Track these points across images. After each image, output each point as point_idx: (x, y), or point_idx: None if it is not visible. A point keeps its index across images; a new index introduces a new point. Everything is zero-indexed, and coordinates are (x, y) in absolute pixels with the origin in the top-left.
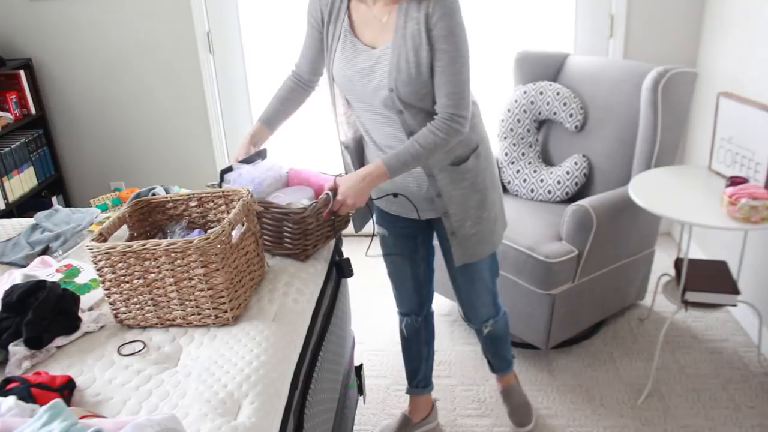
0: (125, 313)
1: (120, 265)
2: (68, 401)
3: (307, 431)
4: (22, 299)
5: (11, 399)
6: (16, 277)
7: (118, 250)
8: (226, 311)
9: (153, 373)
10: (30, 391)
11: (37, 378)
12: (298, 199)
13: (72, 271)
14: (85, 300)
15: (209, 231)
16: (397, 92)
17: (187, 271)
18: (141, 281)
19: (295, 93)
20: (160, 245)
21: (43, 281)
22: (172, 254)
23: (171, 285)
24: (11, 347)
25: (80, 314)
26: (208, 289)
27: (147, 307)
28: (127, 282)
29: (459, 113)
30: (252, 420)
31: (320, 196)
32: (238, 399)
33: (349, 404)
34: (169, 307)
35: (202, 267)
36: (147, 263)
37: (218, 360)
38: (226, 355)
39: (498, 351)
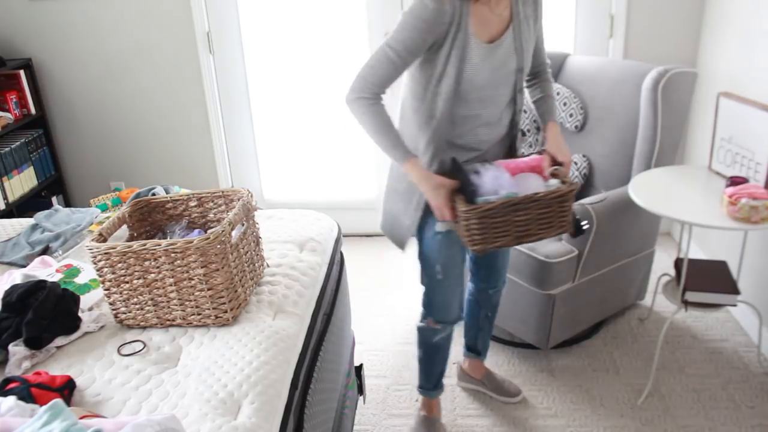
0: (125, 313)
1: (120, 265)
2: (68, 401)
3: (307, 431)
4: (22, 299)
5: (11, 399)
6: (16, 277)
7: (118, 250)
8: (225, 311)
9: (153, 373)
10: (30, 391)
11: (37, 378)
12: (537, 185)
13: (72, 271)
14: (85, 300)
15: (209, 231)
16: (523, 72)
17: (187, 271)
18: (141, 281)
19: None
20: (159, 245)
21: (43, 281)
22: (172, 254)
23: (171, 285)
24: (11, 347)
25: (80, 314)
26: (208, 289)
27: (147, 307)
28: (127, 282)
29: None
30: (252, 420)
31: (553, 180)
32: (238, 399)
33: (349, 404)
34: (169, 307)
35: (202, 267)
36: (147, 263)
37: (218, 360)
38: (226, 355)
39: (492, 326)
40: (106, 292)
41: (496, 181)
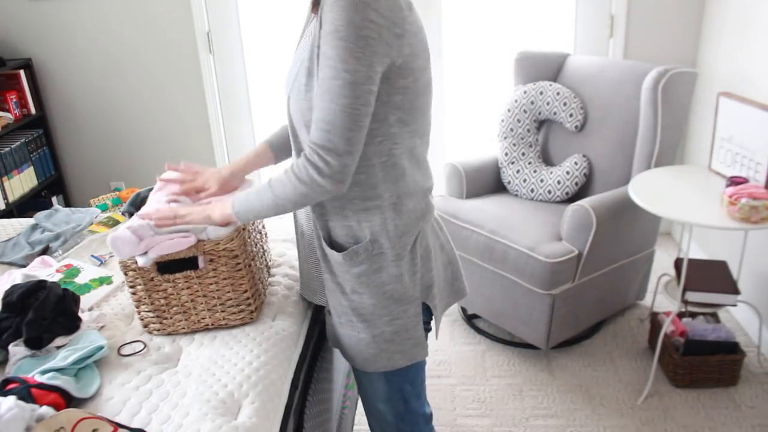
0: (156, 323)
1: (152, 275)
2: (68, 401)
3: (307, 431)
4: (23, 299)
5: (11, 399)
6: (16, 277)
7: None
8: (252, 310)
9: (153, 373)
10: (30, 392)
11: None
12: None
13: (72, 271)
14: (85, 300)
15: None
16: (288, 104)
17: (215, 268)
18: (171, 285)
19: None
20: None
21: (43, 281)
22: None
23: (197, 285)
24: (11, 347)
25: (80, 314)
26: (232, 284)
27: (177, 316)
28: (159, 292)
29: (323, 153)
30: (252, 420)
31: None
32: (238, 399)
33: (349, 404)
34: (195, 310)
35: (229, 262)
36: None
37: (218, 360)
38: (226, 355)
39: None
40: (137, 303)
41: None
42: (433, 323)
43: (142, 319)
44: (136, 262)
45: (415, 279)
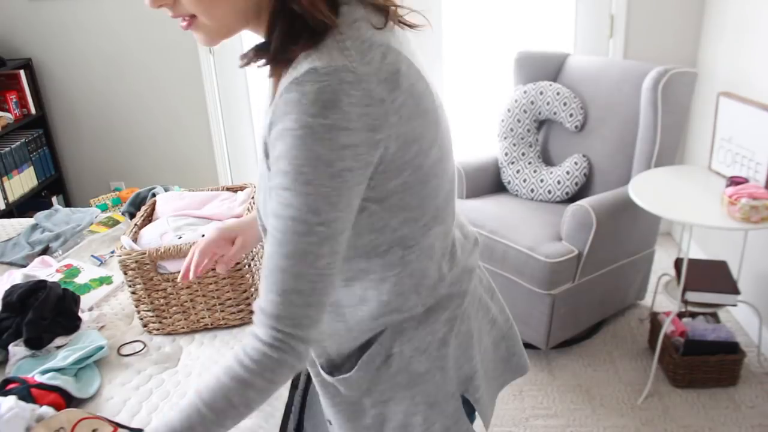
0: (155, 322)
1: (152, 274)
2: (68, 401)
3: (307, 431)
4: (23, 299)
5: (11, 399)
6: (16, 277)
7: (149, 255)
8: (252, 310)
9: (153, 372)
10: (30, 391)
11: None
12: None
13: (72, 271)
14: (85, 300)
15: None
16: (257, 199)
17: (214, 268)
18: (170, 284)
19: None
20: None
21: (43, 281)
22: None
23: (198, 284)
24: (11, 347)
25: (80, 314)
26: (232, 285)
27: (176, 315)
28: (158, 291)
29: (296, 333)
30: (252, 420)
31: None
32: None
33: None
34: (194, 309)
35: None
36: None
37: (219, 360)
38: (226, 355)
39: None
40: (136, 303)
41: None
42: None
43: (141, 319)
44: (136, 262)
45: (449, 373)
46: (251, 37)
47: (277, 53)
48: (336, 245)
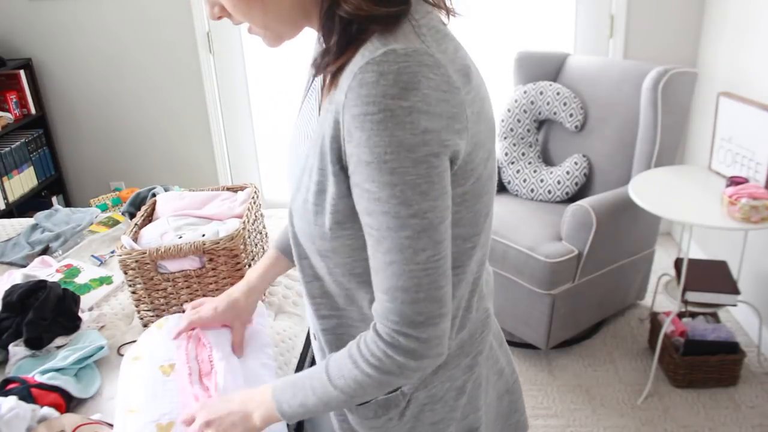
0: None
1: (152, 273)
2: (69, 401)
3: (307, 431)
4: (22, 299)
5: (12, 399)
6: (16, 277)
7: (149, 254)
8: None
9: None
10: (30, 392)
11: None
12: None
13: (72, 271)
14: (85, 300)
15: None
16: (291, 221)
17: (215, 268)
18: (170, 284)
19: None
20: (190, 244)
21: (44, 281)
22: (205, 254)
23: (197, 284)
24: (11, 347)
25: (80, 314)
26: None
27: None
28: (158, 291)
29: (408, 331)
30: None
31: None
32: None
33: None
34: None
35: (228, 263)
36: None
37: None
38: None
39: None
40: (136, 302)
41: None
42: None
43: (141, 319)
44: (136, 261)
45: (456, 424)
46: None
47: (338, 54)
48: (436, 235)
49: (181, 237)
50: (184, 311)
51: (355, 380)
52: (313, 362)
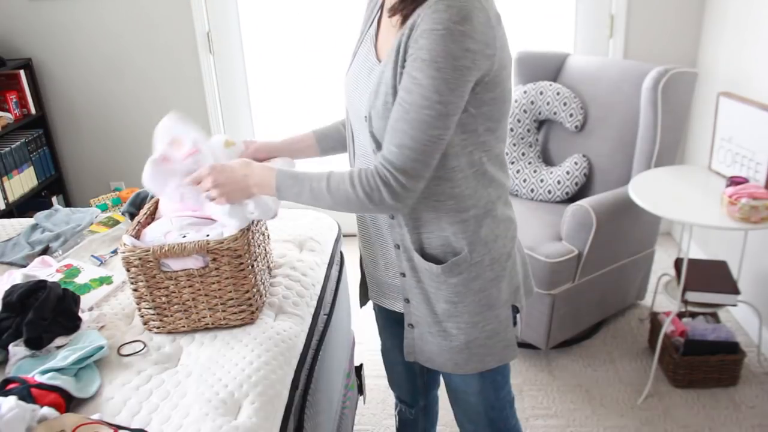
0: (156, 321)
1: (154, 271)
2: (68, 401)
3: (307, 431)
4: (22, 299)
5: (12, 399)
6: (16, 277)
7: (153, 252)
8: (253, 311)
9: (153, 373)
10: (30, 392)
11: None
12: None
13: (72, 271)
14: (85, 300)
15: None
16: (371, 123)
17: (217, 268)
18: (173, 282)
19: None
20: (194, 243)
21: (44, 281)
22: (209, 253)
23: (200, 284)
24: (11, 347)
25: (80, 314)
26: (235, 285)
27: (177, 314)
28: (160, 289)
29: (399, 176)
30: (252, 420)
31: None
32: (238, 399)
33: (349, 404)
34: (196, 308)
35: (231, 263)
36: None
37: (219, 360)
38: (227, 355)
39: None
40: (137, 300)
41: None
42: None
43: (142, 317)
44: (139, 259)
45: (506, 283)
46: (250, 37)
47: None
48: (448, 122)
49: (185, 236)
50: (185, 311)
51: (346, 195)
52: (312, 365)
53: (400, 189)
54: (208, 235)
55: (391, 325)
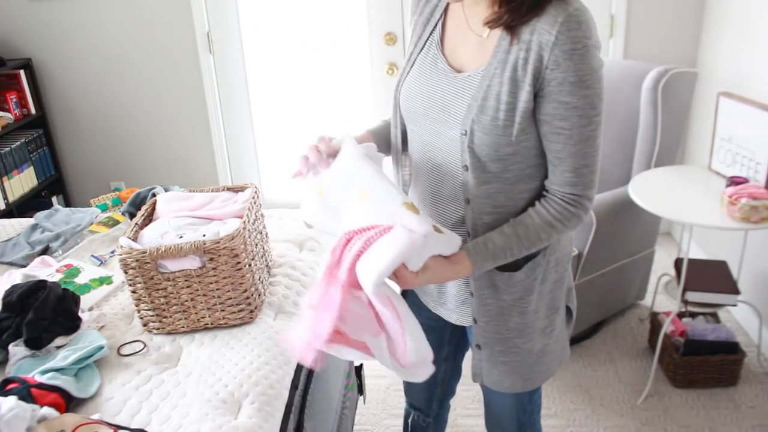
0: (156, 322)
1: (152, 272)
2: (68, 401)
3: (307, 431)
4: (22, 299)
5: (12, 399)
6: (16, 277)
7: (150, 253)
8: (252, 309)
9: (153, 372)
10: (30, 391)
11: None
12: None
13: (72, 271)
14: (85, 300)
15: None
16: (471, 139)
17: (215, 267)
18: (171, 284)
19: None
20: (191, 244)
21: (43, 281)
22: (206, 253)
23: (198, 284)
24: (11, 347)
25: (80, 314)
26: (233, 284)
27: (176, 314)
28: (158, 291)
29: (586, 194)
30: (252, 420)
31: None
32: (238, 399)
33: (349, 404)
34: (195, 309)
35: (229, 262)
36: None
37: (219, 360)
38: (226, 355)
39: None
40: (136, 301)
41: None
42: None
43: (141, 318)
44: (137, 260)
45: (566, 284)
46: (251, 37)
47: (527, 12)
48: (603, 127)
49: (181, 237)
50: (184, 311)
51: (548, 239)
52: (309, 375)
53: (589, 203)
54: (204, 235)
55: (426, 331)
